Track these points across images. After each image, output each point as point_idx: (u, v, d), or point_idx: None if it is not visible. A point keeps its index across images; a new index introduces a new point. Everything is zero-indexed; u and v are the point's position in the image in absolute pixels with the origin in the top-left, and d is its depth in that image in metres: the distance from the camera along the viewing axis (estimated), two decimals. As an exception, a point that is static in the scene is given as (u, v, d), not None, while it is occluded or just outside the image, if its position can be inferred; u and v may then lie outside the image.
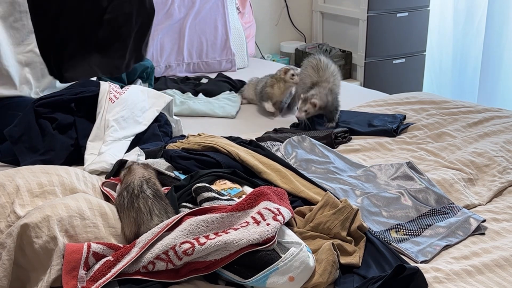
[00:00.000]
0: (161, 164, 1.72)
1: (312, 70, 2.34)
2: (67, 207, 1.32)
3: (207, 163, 1.67)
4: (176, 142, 1.86)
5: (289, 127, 2.31)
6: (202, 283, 1.26)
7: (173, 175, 1.64)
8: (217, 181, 1.56)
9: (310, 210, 1.46)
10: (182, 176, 1.62)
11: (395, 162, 1.87)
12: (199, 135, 1.91)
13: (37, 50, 2.18)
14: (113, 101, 2.01)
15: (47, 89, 2.22)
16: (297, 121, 2.32)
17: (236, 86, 2.87)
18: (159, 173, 1.61)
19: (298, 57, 3.90)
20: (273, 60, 3.81)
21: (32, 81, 2.21)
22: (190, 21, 3.12)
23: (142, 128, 2.03)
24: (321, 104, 2.23)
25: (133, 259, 1.24)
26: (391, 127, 2.17)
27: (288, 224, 1.40)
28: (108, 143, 1.91)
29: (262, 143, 1.91)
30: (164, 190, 1.53)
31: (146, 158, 1.80)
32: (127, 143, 1.97)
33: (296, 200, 1.56)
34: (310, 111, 2.24)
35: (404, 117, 2.31)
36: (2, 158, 1.96)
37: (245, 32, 3.42)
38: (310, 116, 2.26)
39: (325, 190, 1.59)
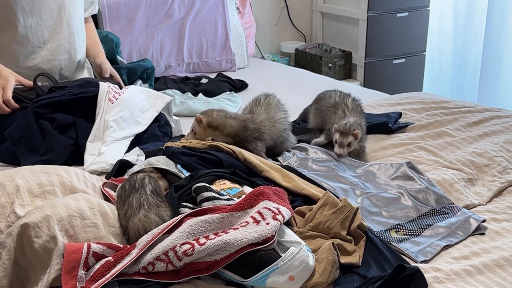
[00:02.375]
0: (166, 162, 1.71)
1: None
2: (67, 207, 1.32)
3: (209, 160, 1.66)
4: (176, 142, 1.85)
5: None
6: (202, 283, 1.26)
7: (182, 175, 1.63)
8: (217, 181, 1.56)
9: (310, 209, 1.46)
10: (185, 172, 1.63)
11: (394, 162, 1.87)
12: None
13: (42, 65, 2.21)
14: (112, 101, 2.01)
15: None
16: None
17: (236, 86, 2.88)
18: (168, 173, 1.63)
19: (298, 57, 3.90)
20: (273, 60, 3.81)
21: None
22: (190, 21, 3.12)
23: (141, 128, 2.03)
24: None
25: (132, 260, 1.24)
26: (386, 120, 2.17)
27: (288, 224, 1.40)
28: (107, 144, 1.91)
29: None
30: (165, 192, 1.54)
31: (146, 158, 1.80)
32: (127, 143, 1.97)
33: (296, 200, 1.56)
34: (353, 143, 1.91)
35: (400, 115, 2.30)
36: (2, 158, 1.96)
37: (245, 32, 3.42)
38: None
39: (325, 189, 1.59)
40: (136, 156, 1.83)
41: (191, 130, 1.86)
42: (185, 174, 1.62)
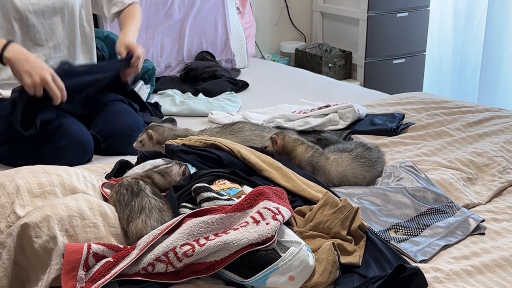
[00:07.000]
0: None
1: None
2: (67, 207, 1.32)
3: (208, 158, 1.66)
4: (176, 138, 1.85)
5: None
6: (202, 283, 1.26)
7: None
8: (217, 181, 1.56)
9: (310, 209, 1.46)
10: (193, 169, 1.63)
11: (394, 161, 1.87)
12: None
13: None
14: None
15: None
16: None
17: (238, 85, 2.88)
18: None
19: (298, 57, 3.90)
20: (273, 60, 3.81)
21: None
22: (190, 21, 3.12)
23: None
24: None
25: (132, 261, 1.24)
26: (391, 126, 2.17)
27: (288, 224, 1.40)
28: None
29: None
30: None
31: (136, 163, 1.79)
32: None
33: (296, 200, 1.55)
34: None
35: (403, 116, 2.31)
36: (3, 161, 1.96)
37: (245, 32, 3.42)
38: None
39: (326, 188, 1.59)
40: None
41: (139, 141, 1.82)
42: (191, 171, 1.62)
